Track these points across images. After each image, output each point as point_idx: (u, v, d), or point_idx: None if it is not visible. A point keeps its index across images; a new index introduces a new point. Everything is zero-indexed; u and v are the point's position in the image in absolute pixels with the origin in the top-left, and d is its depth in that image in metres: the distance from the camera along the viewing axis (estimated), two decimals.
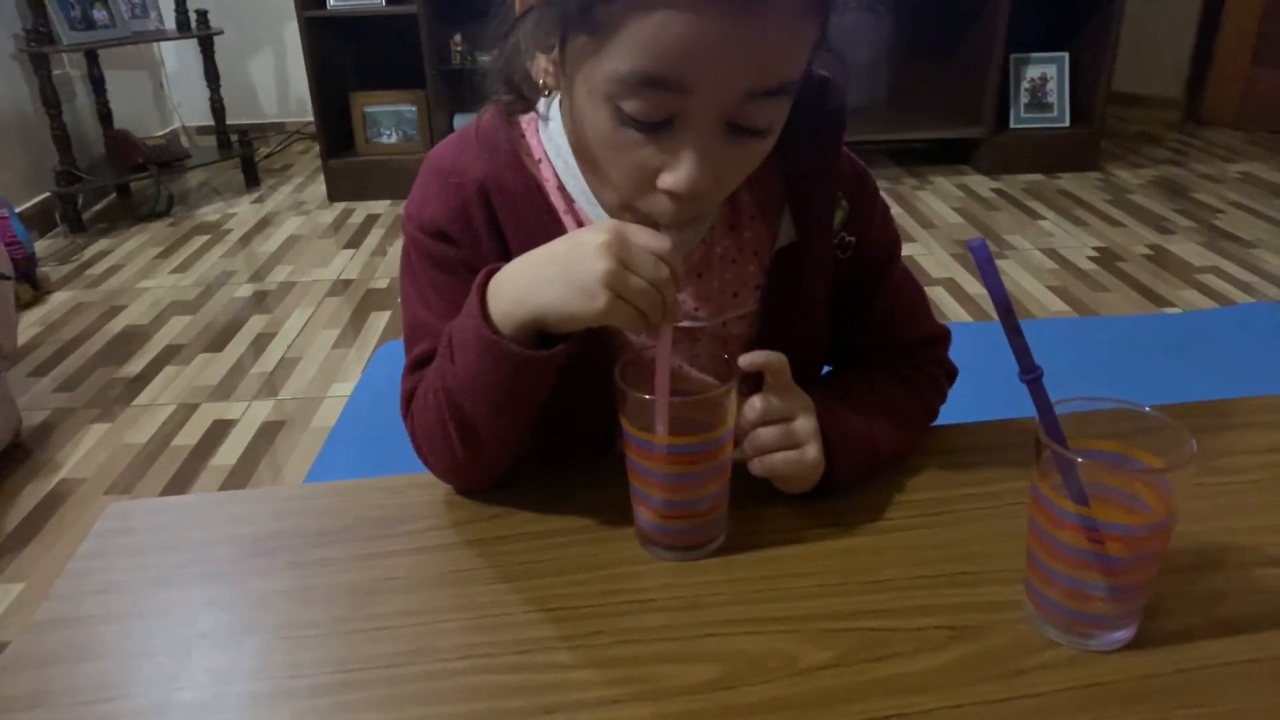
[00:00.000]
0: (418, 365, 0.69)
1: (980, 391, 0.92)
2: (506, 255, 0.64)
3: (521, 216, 0.67)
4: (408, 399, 0.69)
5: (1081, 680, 0.51)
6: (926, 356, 0.78)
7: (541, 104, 0.68)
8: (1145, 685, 0.51)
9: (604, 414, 0.62)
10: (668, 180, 0.57)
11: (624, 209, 0.63)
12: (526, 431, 0.66)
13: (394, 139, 3.47)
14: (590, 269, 0.55)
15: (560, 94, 0.64)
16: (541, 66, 0.62)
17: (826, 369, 0.81)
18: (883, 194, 0.77)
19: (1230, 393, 0.80)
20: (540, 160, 0.70)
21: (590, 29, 0.54)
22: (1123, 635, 0.54)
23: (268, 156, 4.09)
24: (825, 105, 0.66)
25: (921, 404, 0.75)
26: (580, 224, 0.69)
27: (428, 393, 0.65)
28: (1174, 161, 3.72)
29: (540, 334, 0.60)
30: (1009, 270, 2.71)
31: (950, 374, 0.79)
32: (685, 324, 0.71)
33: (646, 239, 0.57)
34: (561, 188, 0.69)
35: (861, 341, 0.77)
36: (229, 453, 1.91)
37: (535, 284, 0.58)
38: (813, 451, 0.64)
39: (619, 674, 0.53)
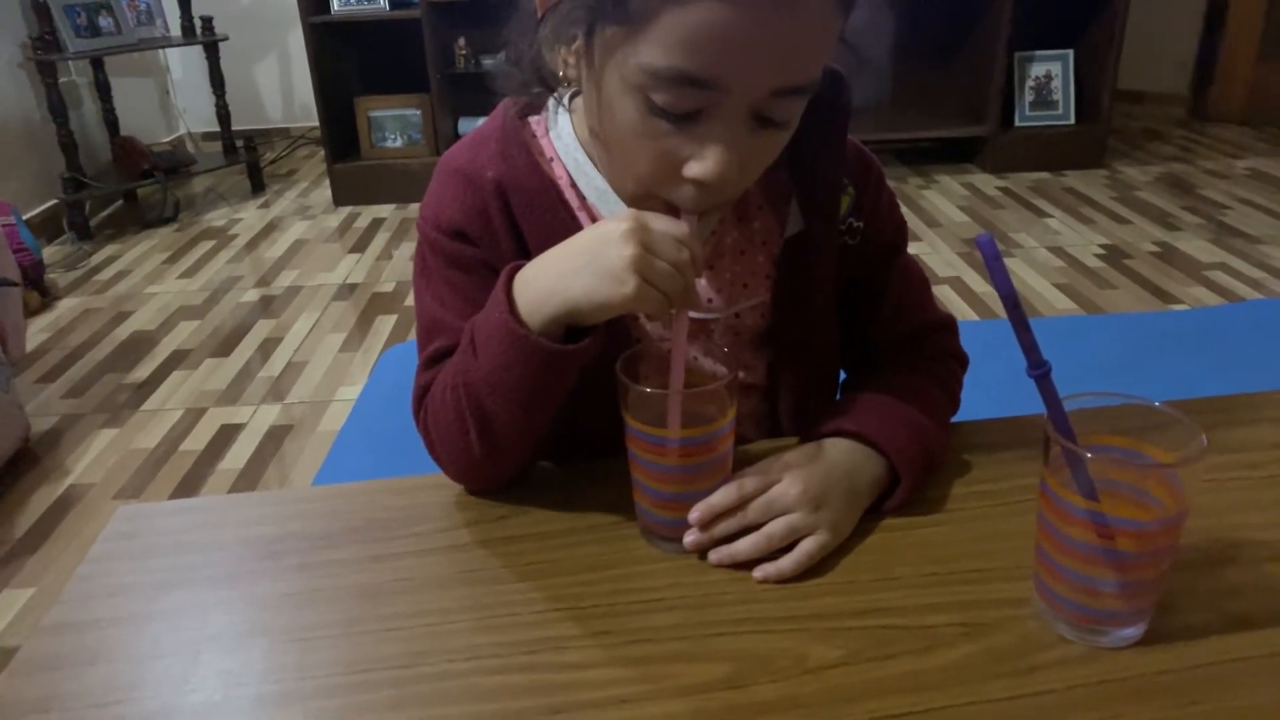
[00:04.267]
0: (432, 362, 0.69)
1: (989, 389, 0.92)
2: (525, 254, 0.64)
3: (539, 215, 0.68)
4: (421, 396, 0.69)
5: (1092, 677, 0.51)
6: (938, 345, 0.78)
7: (550, 104, 0.69)
8: (1157, 682, 0.51)
9: (607, 417, 0.61)
10: (695, 169, 0.58)
11: (645, 198, 0.63)
12: (545, 428, 0.66)
13: (399, 143, 3.48)
14: (617, 255, 0.56)
15: (582, 85, 0.64)
16: (562, 58, 0.63)
17: (842, 375, 0.81)
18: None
19: (1239, 389, 0.79)
20: (552, 159, 0.70)
21: (623, 19, 0.55)
22: (1133, 632, 0.53)
23: (273, 162, 4.10)
24: (833, 95, 0.67)
25: (948, 396, 0.75)
26: (595, 221, 0.69)
27: (445, 389, 0.65)
28: (1181, 158, 3.71)
29: (565, 331, 0.60)
30: (1016, 269, 2.70)
31: (963, 362, 0.79)
32: (698, 315, 0.72)
33: (665, 224, 0.58)
34: (574, 185, 0.70)
35: (874, 331, 0.77)
36: (237, 456, 1.91)
37: (564, 276, 0.58)
38: (780, 525, 0.61)
39: (628, 673, 0.52)
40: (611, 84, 0.58)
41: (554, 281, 0.59)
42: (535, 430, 0.65)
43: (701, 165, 0.58)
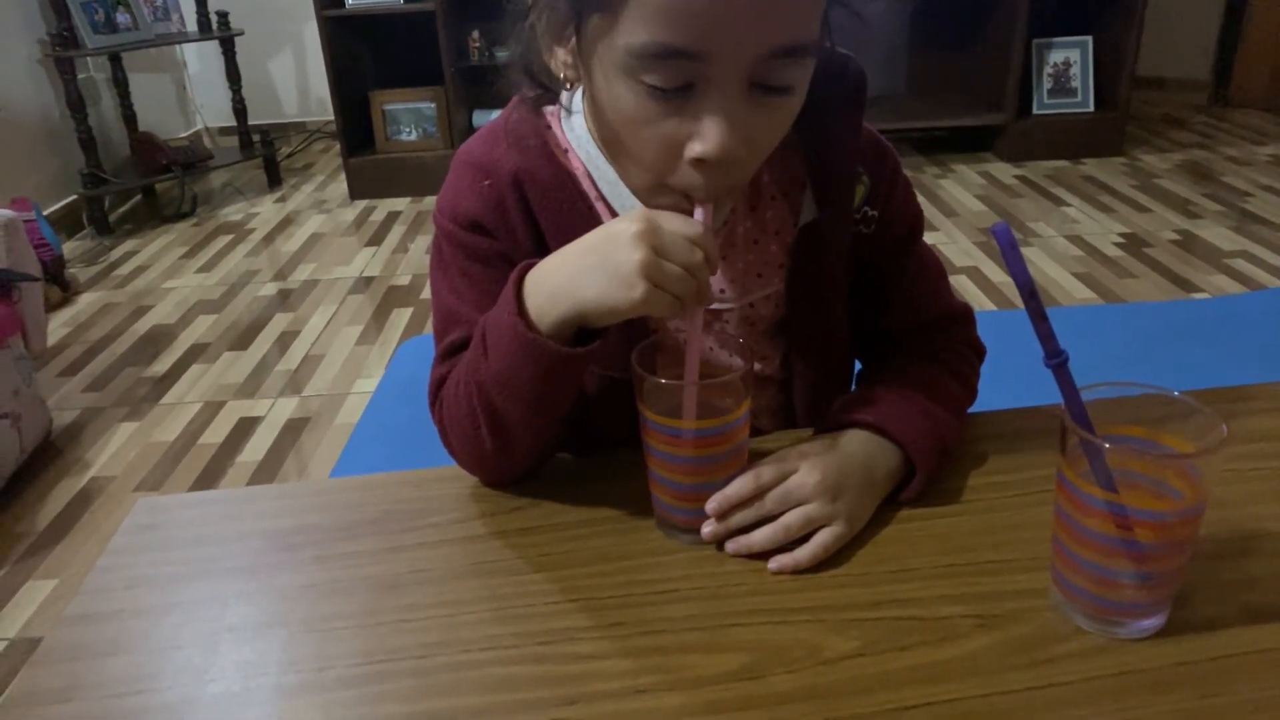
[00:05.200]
0: (448, 354, 0.69)
1: (1006, 379, 0.92)
2: (542, 245, 0.64)
3: (555, 206, 0.68)
4: (436, 388, 0.69)
5: (1110, 669, 0.51)
6: (955, 335, 0.77)
7: (564, 96, 0.69)
8: (1176, 673, 0.50)
9: (623, 410, 0.61)
10: (696, 148, 0.57)
11: (656, 191, 0.62)
12: (557, 428, 0.66)
13: (414, 136, 3.48)
14: (626, 259, 0.55)
15: (581, 85, 0.64)
16: (560, 60, 0.62)
17: (856, 366, 0.81)
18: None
19: (1261, 378, 0.78)
20: (567, 151, 0.70)
21: (601, 6, 0.55)
22: (1152, 623, 0.53)
23: (289, 156, 4.12)
24: (846, 81, 0.66)
25: (964, 387, 0.74)
26: (612, 213, 0.69)
27: (459, 383, 0.66)
28: (1201, 145, 3.66)
29: (576, 331, 0.60)
30: (1033, 258, 2.68)
31: (980, 352, 0.78)
32: (712, 306, 0.72)
33: (678, 224, 0.57)
34: (589, 176, 0.70)
35: (889, 321, 0.77)
36: (255, 449, 1.93)
37: (573, 278, 0.58)
38: (796, 515, 0.61)
39: (643, 664, 0.53)
40: (604, 75, 0.58)
41: (564, 283, 0.58)
42: (546, 428, 0.65)
43: (702, 142, 0.56)
